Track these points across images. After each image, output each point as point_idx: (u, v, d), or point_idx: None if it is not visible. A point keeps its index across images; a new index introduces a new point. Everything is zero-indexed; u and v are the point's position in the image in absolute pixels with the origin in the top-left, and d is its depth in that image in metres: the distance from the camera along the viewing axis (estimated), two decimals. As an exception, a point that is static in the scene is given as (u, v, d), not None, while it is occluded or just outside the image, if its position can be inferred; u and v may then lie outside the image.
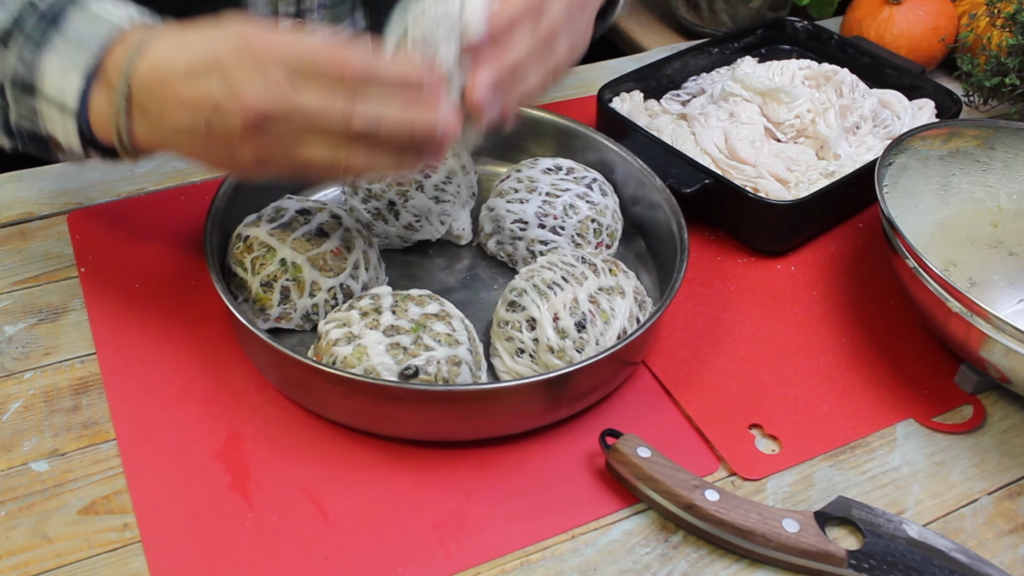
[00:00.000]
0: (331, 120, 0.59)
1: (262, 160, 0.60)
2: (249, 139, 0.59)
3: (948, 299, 0.71)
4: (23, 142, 0.66)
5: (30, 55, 0.62)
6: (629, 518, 0.67)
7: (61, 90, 0.62)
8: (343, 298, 0.74)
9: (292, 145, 0.60)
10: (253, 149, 0.60)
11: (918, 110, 1.01)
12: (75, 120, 0.63)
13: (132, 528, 0.64)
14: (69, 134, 0.64)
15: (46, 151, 0.67)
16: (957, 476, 0.71)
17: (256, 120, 0.58)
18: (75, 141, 0.64)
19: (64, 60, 0.62)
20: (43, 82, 0.62)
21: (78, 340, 0.76)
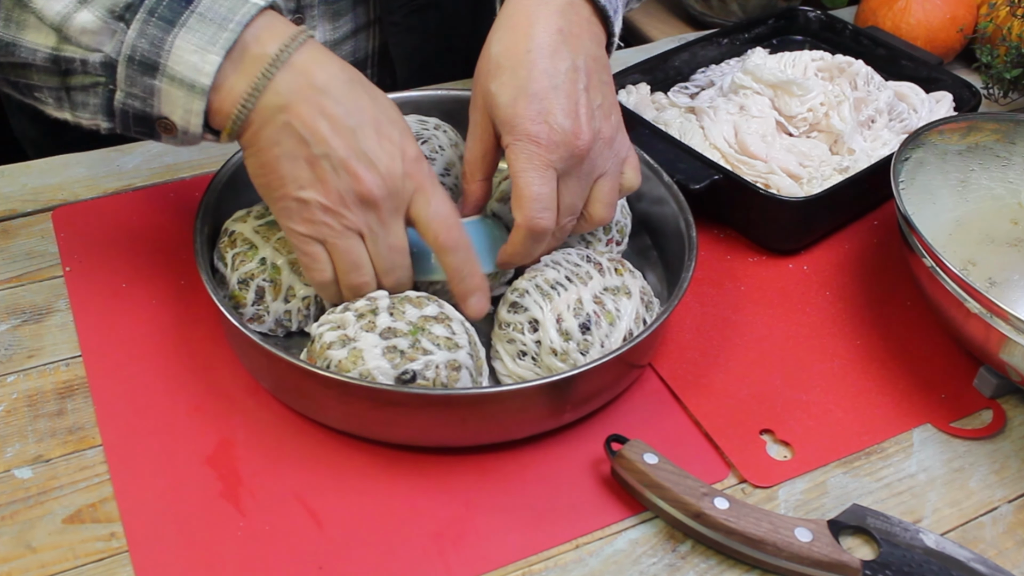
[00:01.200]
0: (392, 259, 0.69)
1: (329, 211, 0.66)
2: (336, 194, 0.66)
3: (967, 299, 0.71)
4: (124, 123, 0.68)
5: (159, 32, 0.64)
6: (635, 527, 0.67)
7: (195, 68, 0.64)
8: (316, 311, 0.75)
9: (354, 232, 0.68)
10: (336, 205, 0.66)
11: (935, 103, 1.01)
12: (204, 98, 0.65)
13: (119, 537, 0.64)
14: (192, 113, 0.66)
15: (150, 133, 0.68)
16: (976, 483, 0.71)
17: (365, 198, 0.66)
18: (196, 121, 0.66)
19: (200, 39, 0.64)
20: (172, 60, 0.64)
21: (63, 342, 0.76)
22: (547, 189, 0.69)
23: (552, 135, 0.68)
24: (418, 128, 0.84)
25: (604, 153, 0.71)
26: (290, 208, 0.67)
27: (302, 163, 0.66)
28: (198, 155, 0.94)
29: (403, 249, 0.70)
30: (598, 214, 0.73)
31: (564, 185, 0.70)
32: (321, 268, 0.69)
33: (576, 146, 0.68)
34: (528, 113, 0.68)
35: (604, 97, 0.71)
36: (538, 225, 0.70)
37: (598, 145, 0.70)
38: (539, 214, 0.69)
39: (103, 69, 0.65)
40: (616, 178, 0.73)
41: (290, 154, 0.66)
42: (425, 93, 0.92)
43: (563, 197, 0.70)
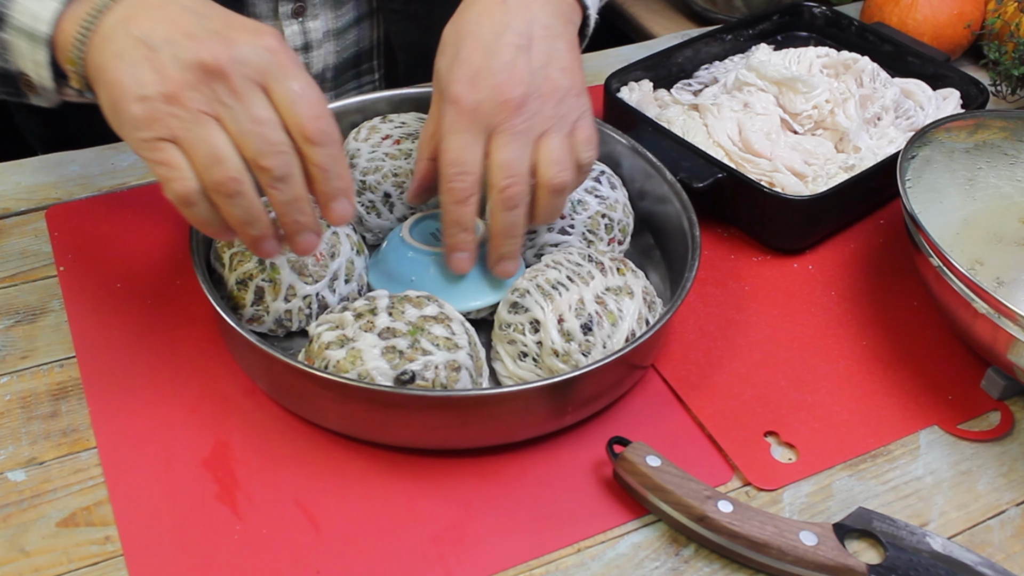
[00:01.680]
0: (261, 134, 0.60)
1: (172, 99, 0.59)
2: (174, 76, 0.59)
3: (974, 300, 0.71)
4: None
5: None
6: (638, 531, 0.67)
7: (34, 16, 0.62)
8: (318, 310, 0.75)
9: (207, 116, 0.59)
10: (179, 87, 0.59)
11: (942, 100, 1.01)
12: (45, 48, 0.62)
13: (114, 541, 0.64)
14: (39, 65, 0.64)
15: (16, 91, 0.66)
16: (984, 486, 0.71)
17: (206, 66, 0.59)
18: (46, 73, 0.64)
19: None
20: (15, 10, 0.62)
21: (57, 343, 0.76)
22: (466, 153, 0.68)
23: (475, 94, 0.67)
24: (417, 126, 0.84)
25: (544, 110, 0.69)
26: (135, 117, 0.59)
27: (142, 64, 0.59)
28: (194, 153, 0.94)
29: (272, 122, 0.60)
30: (547, 174, 0.69)
31: (495, 144, 0.68)
32: (181, 175, 0.60)
33: (502, 100, 0.67)
34: (456, 76, 0.68)
35: (550, 59, 0.70)
36: (454, 188, 0.68)
37: (535, 102, 0.68)
38: (454, 178, 0.68)
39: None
40: (566, 137, 0.70)
41: (130, 60, 0.60)
42: (425, 90, 0.91)
43: (495, 156, 0.68)
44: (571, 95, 0.71)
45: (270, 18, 0.96)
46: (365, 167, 0.81)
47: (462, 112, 0.68)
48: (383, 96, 0.89)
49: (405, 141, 0.82)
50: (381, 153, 0.82)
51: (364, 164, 0.81)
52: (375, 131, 0.84)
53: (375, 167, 0.81)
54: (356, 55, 1.04)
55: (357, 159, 0.82)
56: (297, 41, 0.98)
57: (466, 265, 0.73)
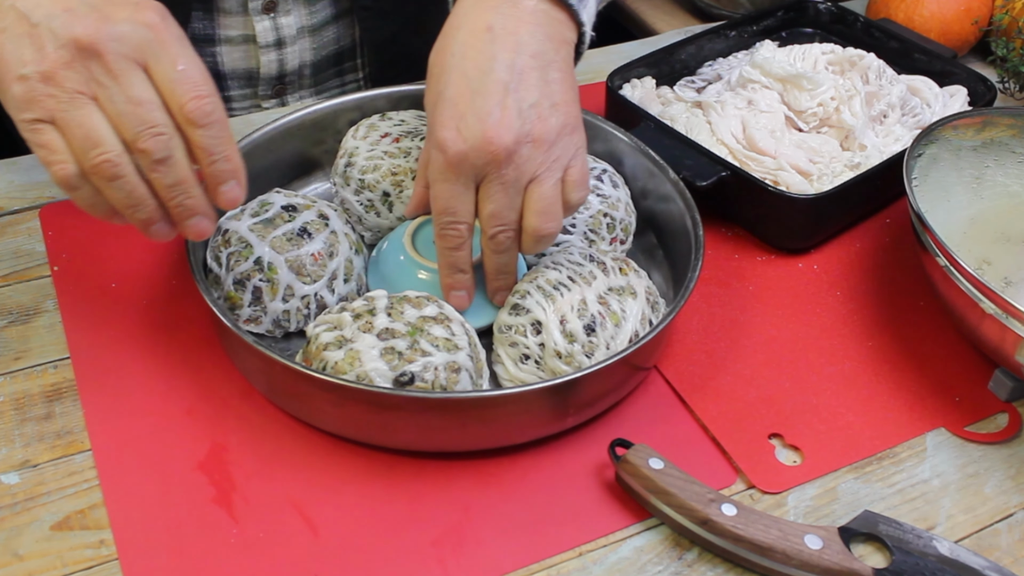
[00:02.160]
0: (138, 115, 0.59)
1: (48, 78, 0.58)
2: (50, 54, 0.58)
3: (981, 300, 0.71)
4: None
5: None
6: (640, 534, 0.67)
7: None
8: (316, 310, 0.74)
9: (83, 97, 0.58)
10: (54, 65, 0.58)
11: (949, 98, 1.01)
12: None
13: (109, 545, 0.64)
14: None
15: None
16: (991, 489, 0.71)
17: (80, 44, 0.57)
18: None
19: None
20: None
21: (51, 344, 0.76)
22: (455, 203, 0.68)
23: (459, 142, 0.65)
24: (416, 124, 0.84)
25: (534, 157, 0.67)
26: (16, 97, 0.59)
27: (23, 40, 0.58)
28: (190, 151, 0.94)
29: (151, 103, 0.59)
30: (532, 225, 0.68)
31: (484, 194, 0.67)
32: (60, 157, 0.59)
33: (490, 151, 0.65)
34: (440, 119, 0.66)
35: (542, 96, 0.67)
36: (448, 236, 0.69)
37: (525, 148, 0.66)
38: (447, 226, 0.69)
39: None
40: (554, 185, 0.68)
41: (13, 35, 0.59)
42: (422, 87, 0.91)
43: (485, 206, 0.68)
44: (564, 135, 0.68)
45: (240, 13, 0.96)
46: (364, 165, 0.81)
47: (449, 162, 0.66)
48: (382, 93, 0.89)
49: (404, 139, 0.82)
50: (380, 151, 0.81)
51: (363, 162, 0.81)
52: (374, 129, 0.84)
53: (374, 165, 0.81)
54: (337, 53, 1.04)
55: (356, 157, 0.82)
56: (269, 37, 0.97)
57: (464, 303, 0.74)
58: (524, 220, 0.69)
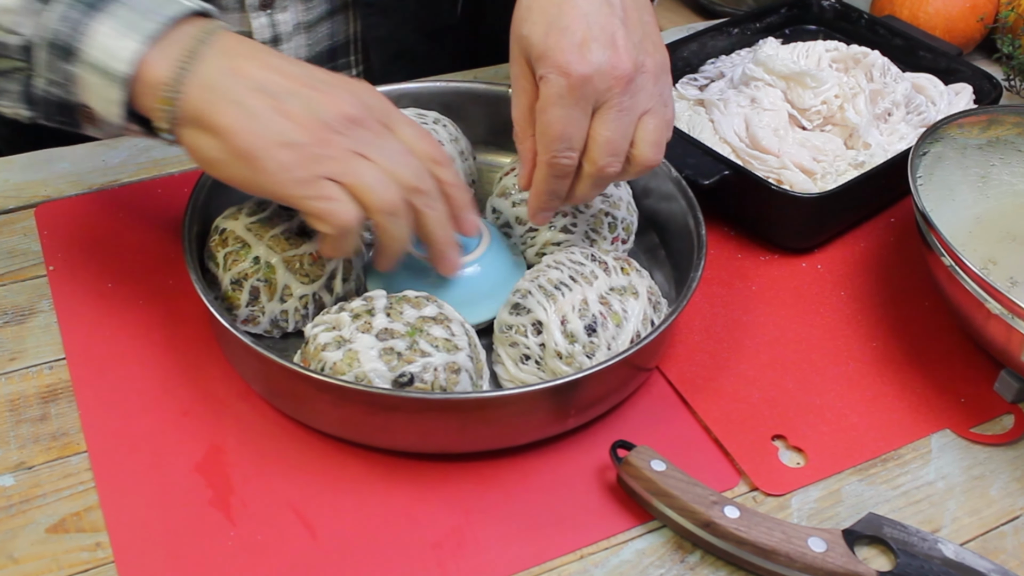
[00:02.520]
0: (408, 163, 0.67)
1: (323, 143, 0.64)
2: (322, 124, 0.65)
3: (987, 300, 0.71)
4: (47, 112, 0.67)
5: (79, 15, 0.63)
6: (642, 537, 0.67)
7: (110, 54, 0.63)
8: (314, 310, 0.75)
9: (353, 159, 0.65)
10: (326, 133, 0.65)
11: (955, 95, 1.00)
12: (121, 87, 0.64)
13: (105, 547, 0.64)
14: (109, 102, 0.65)
15: (73, 123, 0.67)
16: (997, 491, 0.71)
17: (349, 116, 0.66)
18: (115, 110, 0.65)
19: (122, 25, 0.63)
20: (89, 45, 0.63)
21: (46, 344, 0.76)
22: (573, 128, 0.68)
23: (584, 65, 0.66)
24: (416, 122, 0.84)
25: (648, 88, 0.69)
26: (284, 162, 0.64)
27: (271, 114, 0.64)
28: (187, 150, 0.94)
29: (410, 154, 0.68)
30: (644, 155, 0.70)
31: (601, 120, 0.68)
32: (346, 207, 0.65)
33: (614, 76, 0.66)
34: (561, 44, 0.66)
35: (644, 35, 0.69)
36: (560, 164, 0.69)
37: (641, 78, 0.68)
38: (561, 154, 0.68)
39: (21, 53, 0.64)
40: (664, 117, 0.70)
41: (254, 109, 0.64)
42: (424, 85, 0.92)
43: (600, 132, 0.68)
44: (663, 72, 0.71)
45: (236, 10, 0.95)
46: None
47: (572, 84, 0.66)
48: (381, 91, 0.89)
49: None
50: (379, 150, 0.81)
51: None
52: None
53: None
54: (330, 49, 1.04)
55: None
56: (266, 34, 0.97)
57: (548, 219, 0.75)
58: (635, 150, 0.70)
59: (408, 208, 0.67)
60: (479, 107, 0.91)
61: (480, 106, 0.91)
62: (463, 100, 0.91)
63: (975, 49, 1.16)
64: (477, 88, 0.92)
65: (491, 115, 0.92)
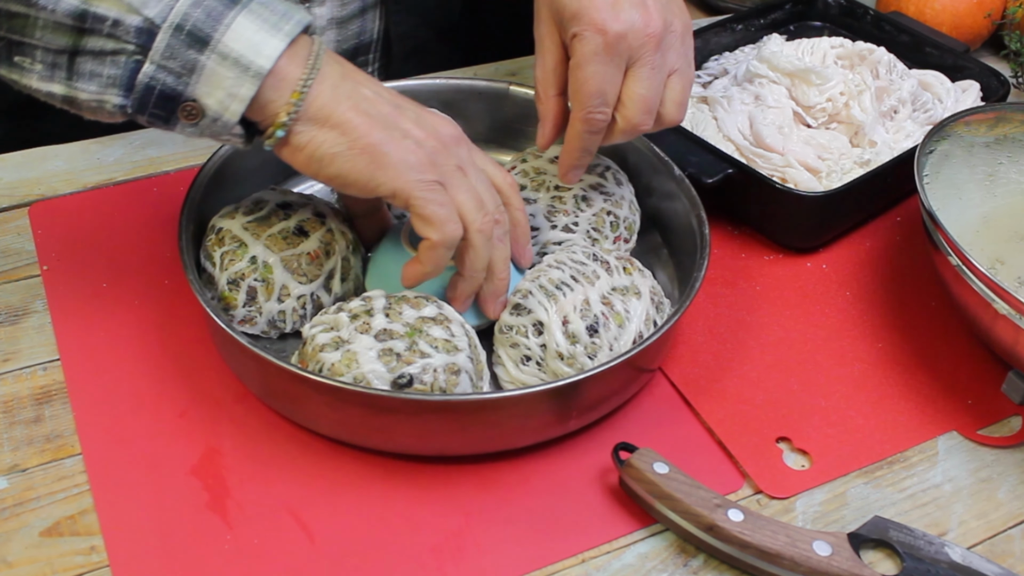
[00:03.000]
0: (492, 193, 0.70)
1: (439, 152, 0.68)
2: (432, 135, 0.68)
3: (995, 300, 0.71)
4: (143, 101, 0.64)
5: (220, 6, 0.63)
6: (644, 540, 0.67)
7: (255, 48, 0.64)
8: (313, 310, 0.75)
9: (459, 175, 0.68)
10: (440, 143, 0.68)
11: (962, 93, 1.00)
12: (256, 82, 0.64)
13: (99, 551, 0.64)
14: (234, 97, 0.64)
15: (166, 118, 0.66)
16: (1005, 494, 0.71)
17: (454, 135, 0.70)
18: (237, 108, 0.65)
19: (264, 23, 0.64)
20: (230, 37, 0.63)
21: (40, 345, 0.76)
22: (608, 84, 0.70)
23: (618, 23, 0.69)
24: None
25: (676, 47, 0.72)
26: (409, 162, 0.67)
27: (394, 116, 0.67)
28: (183, 148, 0.94)
29: (491, 184, 0.71)
30: (671, 114, 0.74)
31: (636, 77, 0.71)
32: (455, 218, 0.68)
33: (647, 33, 0.69)
34: (594, 3, 0.69)
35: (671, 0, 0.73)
36: (595, 120, 0.71)
37: (670, 37, 0.71)
38: (596, 109, 0.71)
39: (137, 35, 0.62)
40: (688, 78, 0.74)
41: (377, 111, 0.67)
42: (423, 82, 0.92)
43: (635, 90, 0.71)
44: (688, 34, 0.74)
45: None
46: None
47: (608, 41, 0.69)
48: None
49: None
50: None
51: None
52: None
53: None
54: (355, 48, 1.04)
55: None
56: None
57: (578, 178, 0.78)
58: (663, 109, 0.74)
59: (492, 232, 0.70)
60: (479, 104, 0.91)
61: (481, 103, 0.91)
62: (463, 97, 0.91)
63: (982, 46, 1.16)
64: (478, 85, 0.92)
65: (492, 112, 0.92)
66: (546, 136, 0.77)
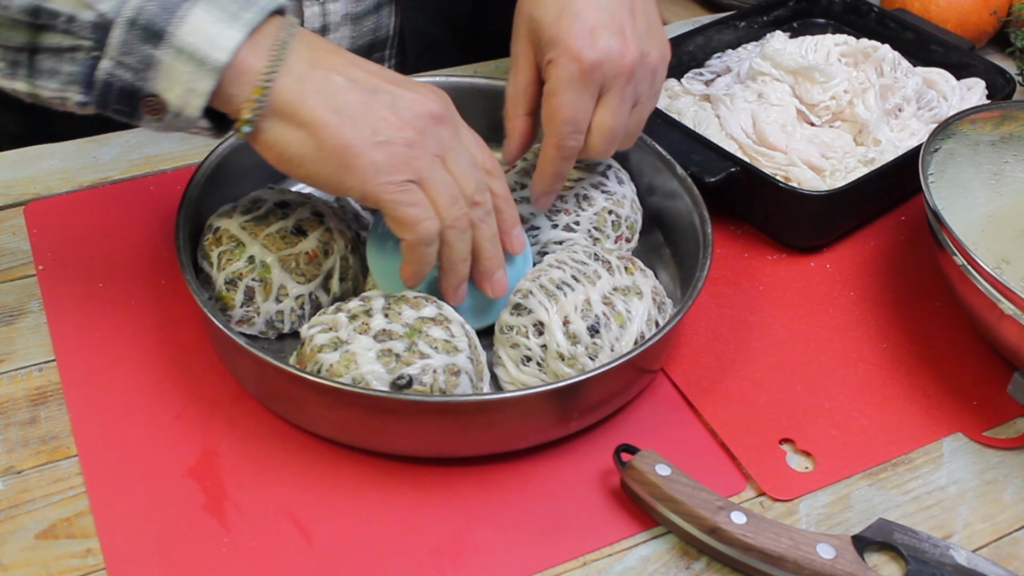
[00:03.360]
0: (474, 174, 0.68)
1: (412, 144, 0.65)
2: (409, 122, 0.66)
3: (1000, 300, 0.71)
4: (103, 98, 0.64)
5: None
6: (646, 543, 0.67)
7: (210, 42, 0.62)
8: (311, 310, 0.75)
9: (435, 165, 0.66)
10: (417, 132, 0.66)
11: (967, 91, 1.00)
12: (214, 76, 0.63)
13: (96, 554, 0.64)
14: (193, 92, 0.63)
15: (132, 112, 0.65)
16: (1010, 496, 0.71)
17: (435, 114, 0.67)
18: (197, 103, 0.64)
19: (222, 13, 0.63)
20: (184, 30, 0.62)
21: (36, 345, 0.76)
22: (581, 112, 0.71)
23: (594, 52, 0.69)
24: None
25: (646, 80, 0.73)
26: (377, 162, 0.65)
27: (362, 110, 0.65)
28: (180, 146, 0.94)
29: (478, 163, 0.69)
30: (622, 144, 0.75)
31: (606, 107, 0.71)
32: (431, 215, 0.66)
33: (622, 64, 0.70)
34: (572, 30, 0.69)
35: (649, 26, 0.73)
36: (567, 147, 0.71)
37: (642, 69, 0.72)
38: (569, 136, 0.71)
39: (92, 31, 0.61)
40: (647, 112, 0.75)
41: (346, 105, 0.65)
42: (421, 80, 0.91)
43: (604, 120, 0.72)
44: (663, 65, 0.75)
45: None
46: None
47: (583, 70, 0.69)
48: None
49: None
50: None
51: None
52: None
53: None
54: (371, 44, 1.05)
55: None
56: (315, 23, 0.98)
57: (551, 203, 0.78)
58: None
59: (469, 221, 0.69)
60: (479, 102, 0.91)
61: (480, 101, 0.91)
62: (463, 95, 0.91)
63: (988, 43, 1.16)
64: (477, 83, 0.92)
65: (491, 110, 0.91)
66: (511, 153, 0.78)
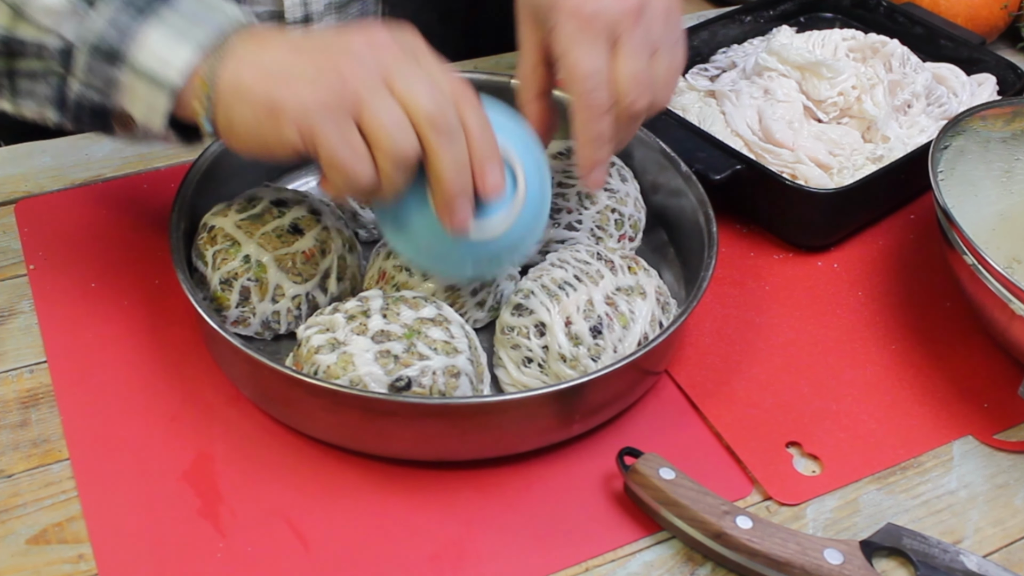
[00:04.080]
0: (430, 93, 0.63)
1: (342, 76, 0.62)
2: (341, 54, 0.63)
3: (1011, 300, 0.71)
4: (78, 116, 0.67)
5: (128, 20, 0.64)
6: (650, 548, 0.67)
7: (163, 61, 0.64)
8: (308, 311, 0.75)
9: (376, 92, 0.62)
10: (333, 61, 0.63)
11: (977, 86, 1.00)
12: (169, 96, 0.64)
13: (88, 559, 0.64)
14: (153, 110, 0.65)
15: (105, 127, 0.68)
16: (1022, 501, 0.71)
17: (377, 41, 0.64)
18: (159, 119, 0.66)
19: (174, 32, 0.64)
20: (138, 51, 0.64)
21: (26, 347, 0.76)
22: (599, 62, 0.69)
23: (592, 3, 0.68)
24: None
25: (656, 24, 0.70)
26: (303, 102, 0.62)
27: (291, 59, 0.64)
28: (174, 143, 0.94)
29: (436, 83, 0.64)
30: (660, 96, 0.72)
31: (620, 55, 0.69)
32: (363, 160, 0.62)
33: (624, 6, 0.68)
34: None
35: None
36: (596, 103, 0.69)
37: (650, 12, 0.70)
38: (593, 90, 0.69)
39: (60, 57, 0.65)
40: (675, 58, 0.72)
41: (274, 63, 0.64)
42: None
43: (622, 68, 0.69)
44: (673, 13, 0.72)
45: None
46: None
47: (585, 22, 0.68)
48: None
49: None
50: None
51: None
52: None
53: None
54: None
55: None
56: (297, 13, 0.98)
57: (603, 179, 0.73)
58: None
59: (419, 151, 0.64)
60: (480, 98, 0.91)
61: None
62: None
63: (999, 38, 1.16)
64: (477, 78, 0.92)
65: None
66: None
